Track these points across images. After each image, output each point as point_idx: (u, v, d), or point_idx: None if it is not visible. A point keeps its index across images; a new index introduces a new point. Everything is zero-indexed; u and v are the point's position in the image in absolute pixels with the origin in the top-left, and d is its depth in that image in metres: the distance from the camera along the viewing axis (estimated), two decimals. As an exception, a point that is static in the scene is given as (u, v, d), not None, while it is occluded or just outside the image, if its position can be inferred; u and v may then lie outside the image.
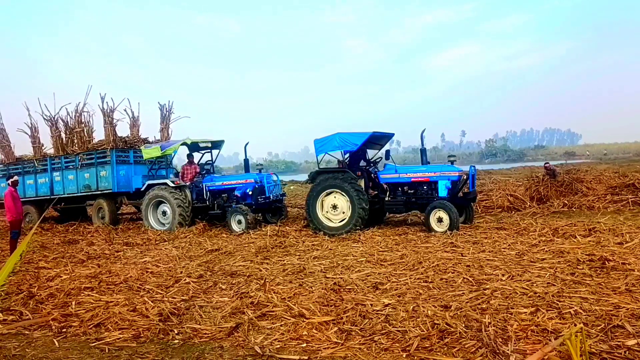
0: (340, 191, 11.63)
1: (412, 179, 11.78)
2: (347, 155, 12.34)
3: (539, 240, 8.96)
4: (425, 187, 11.75)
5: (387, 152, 12.97)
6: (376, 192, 12.33)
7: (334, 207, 11.76)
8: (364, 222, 11.40)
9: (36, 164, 17.55)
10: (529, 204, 14.53)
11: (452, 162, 11.83)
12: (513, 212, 14.03)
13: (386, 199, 11.92)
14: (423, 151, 12.24)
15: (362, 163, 13.18)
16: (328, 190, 11.81)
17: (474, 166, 12.38)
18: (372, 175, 12.56)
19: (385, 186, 12.12)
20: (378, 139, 12.97)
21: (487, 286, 6.06)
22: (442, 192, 11.32)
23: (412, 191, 11.94)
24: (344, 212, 11.65)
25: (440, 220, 10.70)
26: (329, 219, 11.83)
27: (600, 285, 5.88)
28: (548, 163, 17.05)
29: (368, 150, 13.25)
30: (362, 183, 11.85)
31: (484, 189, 17.07)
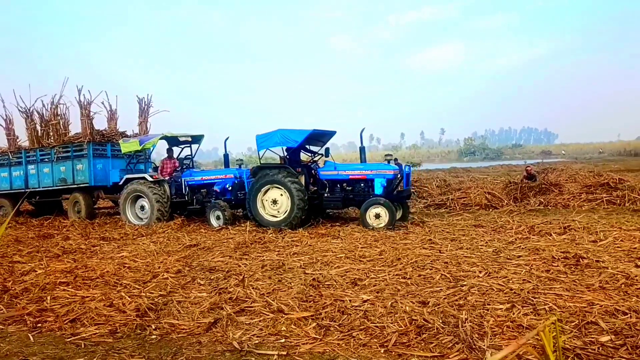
0: (280, 186, 11.86)
1: (350, 177, 12.13)
2: (291, 151, 12.53)
3: (516, 237, 9.09)
4: (362, 185, 12.07)
5: (327, 149, 13.24)
6: (316, 189, 12.62)
7: (274, 201, 11.99)
8: (302, 217, 11.70)
9: (10, 157, 17.18)
10: (506, 201, 14.74)
11: (388, 161, 12.28)
12: (490, 209, 14.22)
13: (325, 195, 12.23)
14: (362, 149, 12.53)
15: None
16: (268, 186, 12.03)
17: (409, 165, 12.95)
18: (313, 171, 12.83)
19: (324, 182, 12.37)
20: (320, 136, 13.22)
21: (465, 283, 6.13)
22: (378, 189, 11.66)
23: (350, 188, 12.24)
24: (283, 207, 11.90)
25: (378, 216, 11.06)
26: (268, 213, 12.09)
27: (574, 282, 5.99)
28: (530, 166, 17.22)
29: (310, 147, 13.55)
30: (302, 179, 12.11)
31: (462, 186, 17.23)
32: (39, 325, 5.56)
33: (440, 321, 4.84)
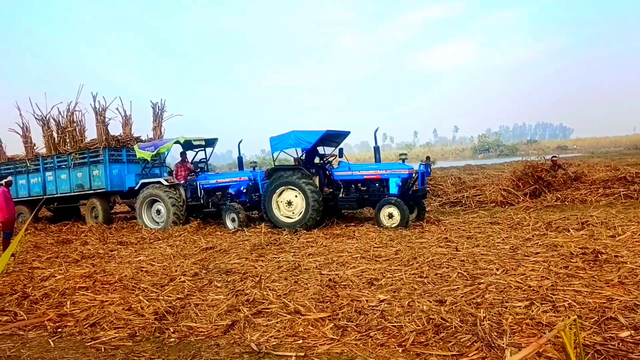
0: (294, 188, 11.86)
1: (365, 177, 12.12)
2: (305, 152, 12.58)
3: (533, 234, 9.02)
4: (377, 185, 12.05)
5: (341, 150, 13.31)
6: (331, 190, 12.60)
7: (289, 203, 12.01)
8: (317, 218, 11.71)
9: (28, 164, 17.43)
10: (522, 198, 14.61)
11: (403, 160, 12.18)
12: (506, 206, 14.12)
13: (340, 195, 12.21)
14: (376, 149, 12.50)
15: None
16: (283, 187, 12.04)
17: (424, 164, 12.80)
18: (327, 172, 12.80)
19: (339, 183, 12.35)
20: (333, 137, 13.24)
21: (482, 280, 6.10)
22: (393, 189, 11.61)
23: (365, 188, 12.21)
24: (298, 208, 11.92)
25: (390, 216, 11.00)
26: (283, 214, 12.12)
27: (593, 278, 5.93)
28: (556, 157, 16.95)
29: (325, 147, 13.55)
30: (317, 180, 12.10)
31: (477, 183, 17.12)
32: (59, 330, 5.63)
33: (458, 320, 4.81)
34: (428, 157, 23.23)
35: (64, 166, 16.57)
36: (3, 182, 10.85)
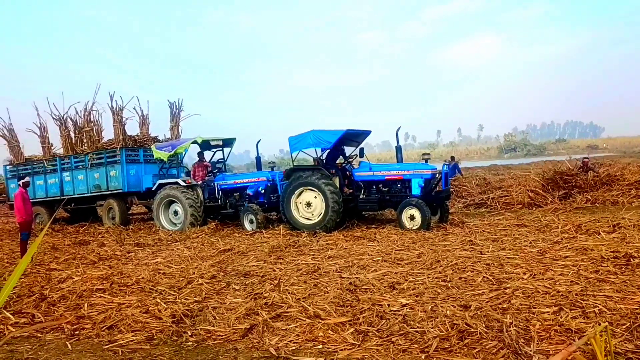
0: (313, 189, 11.86)
1: (386, 177, 12.07)
2: (325, 152, 12.58)
3: (562, 237, 8.90)
4: (399, 185, 11.99)
5: (362, 150, 13.29)
6: (351, 190, 12.58)
7: (308, 204, 12.02)
8: (337, 219, 11.70)
9: (46, 164, 17.72)
10: (550, 199, 14.42)
11: (426, 160, 12.05)
12: (534, 208, 13.95)
13: (360, 196, 12.18)
14: (398, 149, 12.42)
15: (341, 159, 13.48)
16: (302, 188, 12.05)
17: (448, 164, 12.58)
18: (348, 172, 12.79)
19: (360, 184, 12.31)
20: (354, 136, 13.21)
21: (508, 285, 6.04)
22: (415, 190, 11.54)
23: (386, 189, 12.17)
24: (317, 210, 11.92)
25: (412, 218, 10.95)
26: (302, 215, 12.12)
27: (625, 283, 5.83)
28: (587, 158, 16.68)
29: (345, 147, 13.53)
30: (337, 181, 12.10)
31: (503, 184, 16.92)
32: (77, 332, 5.72)
33: (484, 325, 4.77)
34: (453, 157, 23.09)
35: (81, 167, 16.79)
36: (20, 182, 11.08)
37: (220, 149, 15.61)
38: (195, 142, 14.48)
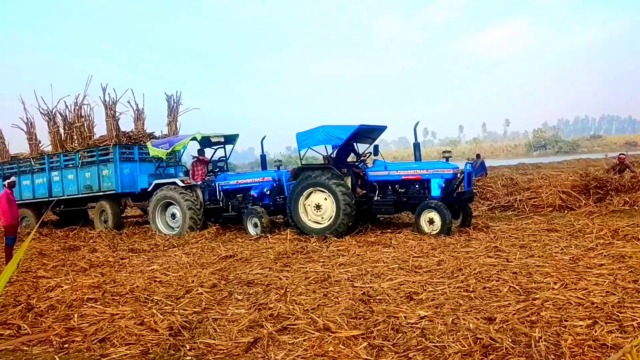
0: (323, 189, 11.80)
1: (403, 177, 11.97)
2: (336, 150, 12.55)
3: (597, 243, 8.84)
4: (417, 186, 11.90)
5: (376, 147, 13.19)
6: (364, 191, 12.48)
7: (318, 206, 11.96)
8: (349, 223, 11.60)
9: (33, 163, 17.80)
10: (584, 202, 14.32)
11: (447, 159, 11.91)
12: (566, 211, 13.87)
13: (375, 198, 12.10)
14: (416, 146, 12.33)
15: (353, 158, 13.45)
16: (311, 189, 12.00)
17: (471, 163, 12.50)
18: (361, 172, 12.72)
19: (374, 184, 12.24)
20: (368, 132, 13.14)
21: (537, 296, 6.01)
22: (435, 191, 11.44)
23: (403, 190, 12.10)
24: (327, 213, 11.85)
25: (432, 221, 10.87)
26: (311, 219, 12.07)
27: (667, 294, 5.78)
28: (624, 154, 16.53)
29: (358, 144, 13.48)
30: (349, 181, 12.02)
31: (532, 185, 16.84)
32: (66, 345, 5.76)
33: (510, 340, 4.75)
34: (478, 155, 22.96)
35: (71, 165, 16.84)
36: (5, 183, 11.15)
37: (222, 146, 15.60)
38: (194, 138, 14.50)
